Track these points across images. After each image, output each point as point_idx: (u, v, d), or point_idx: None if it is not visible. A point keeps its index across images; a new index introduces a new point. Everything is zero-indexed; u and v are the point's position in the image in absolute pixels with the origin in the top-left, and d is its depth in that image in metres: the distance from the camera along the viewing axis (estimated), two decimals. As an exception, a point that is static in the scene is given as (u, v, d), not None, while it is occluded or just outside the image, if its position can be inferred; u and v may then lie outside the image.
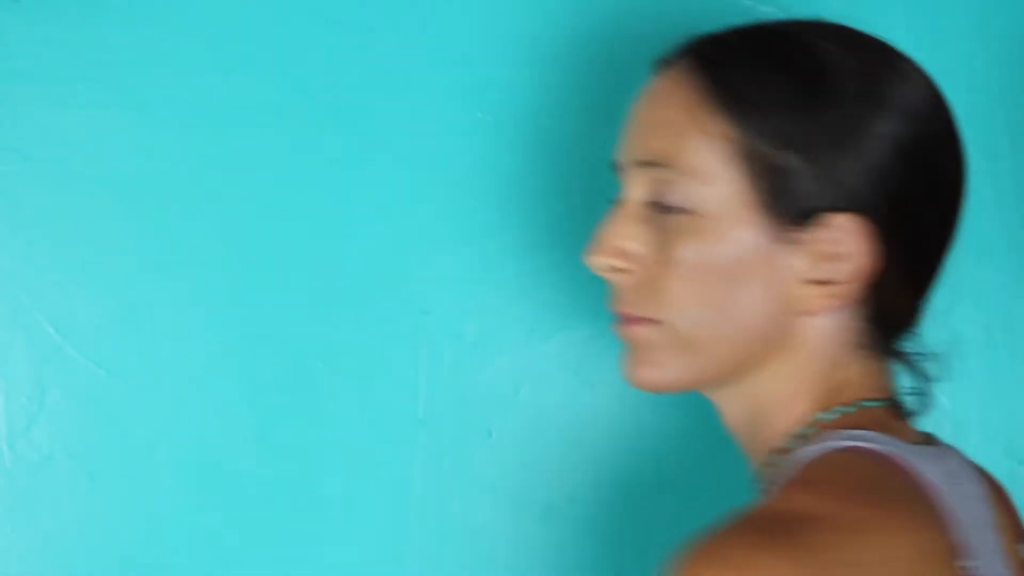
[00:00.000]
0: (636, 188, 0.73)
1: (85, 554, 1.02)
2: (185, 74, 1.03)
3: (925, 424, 0.75)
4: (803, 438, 0.69)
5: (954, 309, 0.90)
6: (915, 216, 0.70)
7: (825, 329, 0.70)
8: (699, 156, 0.69)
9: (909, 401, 0.75)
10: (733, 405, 0.74)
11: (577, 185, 1.02)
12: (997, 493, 0.75)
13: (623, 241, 0.72)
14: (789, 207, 0.68)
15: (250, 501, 1.01)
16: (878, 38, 0.73)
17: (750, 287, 0.69)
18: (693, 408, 1.01)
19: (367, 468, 1.01)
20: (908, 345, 0.74)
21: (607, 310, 1.01)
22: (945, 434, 0.75)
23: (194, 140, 1.03)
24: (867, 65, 0.70)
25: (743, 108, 0.69)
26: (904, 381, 0.75)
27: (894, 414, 0.72)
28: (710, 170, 0.69)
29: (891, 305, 0.71)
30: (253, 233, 1.02)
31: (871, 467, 0.65)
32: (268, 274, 1.02)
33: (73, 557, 1.02)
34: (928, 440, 0.73)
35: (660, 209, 0.71)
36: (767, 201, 0.68)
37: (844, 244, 0.68)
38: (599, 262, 0.73)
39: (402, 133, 1.02)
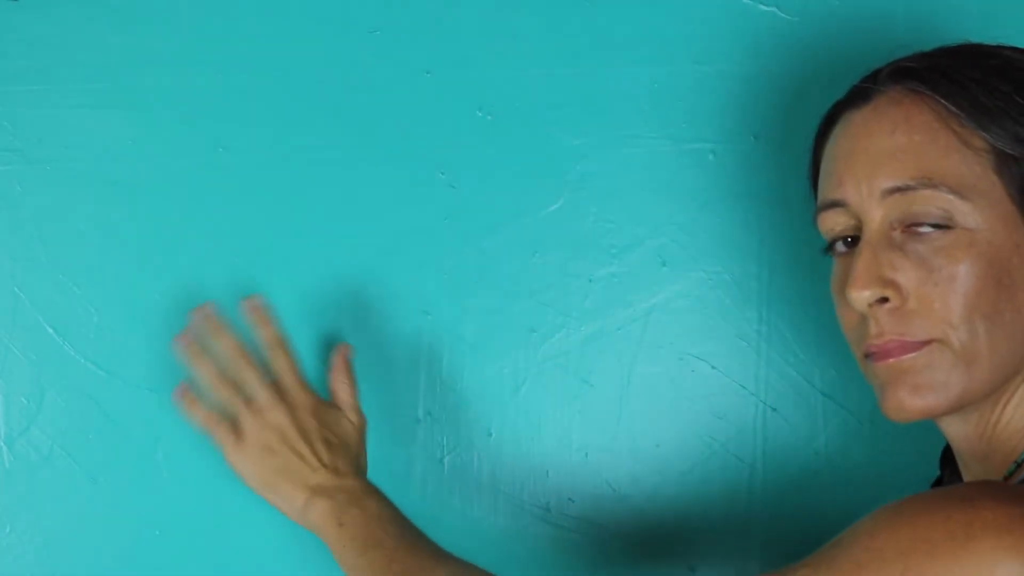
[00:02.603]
0: (884, 216, 0.73)
1: (85, 554, 1.02)
2: (185, 74, 1.03)
3: None
4: None
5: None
6: None
7: None
8: (966, 169, 0.71)
9: None
10: (973, 420, 0.75)
11: (577, 185, 1.02)
12: None
13: (886, 270, 0.72)
14: None
15: (250, 501, 1.00)
16: None
17: (1018, 290, 0.71)
18: (692, 407, 1.01)
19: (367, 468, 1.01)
20: None
21: (609, 310, 1.02)
22: None
23: (194, 140, 1.03)
24: None
25: (990, 118, 0.71)
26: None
27: None
28: (976, 182, 0.70)
29: None
30: (253, 233, 1.02)
31: None
32: (268, 274, 1.02)
33: (73, 557, 1.02)
34: None
35: (921, 230, 0.71)
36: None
37: None
38: (866, 296, 0.72)
39: (402, 133, 1.02)
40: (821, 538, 0.99)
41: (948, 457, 0.85)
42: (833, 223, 0.76)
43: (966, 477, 0.77)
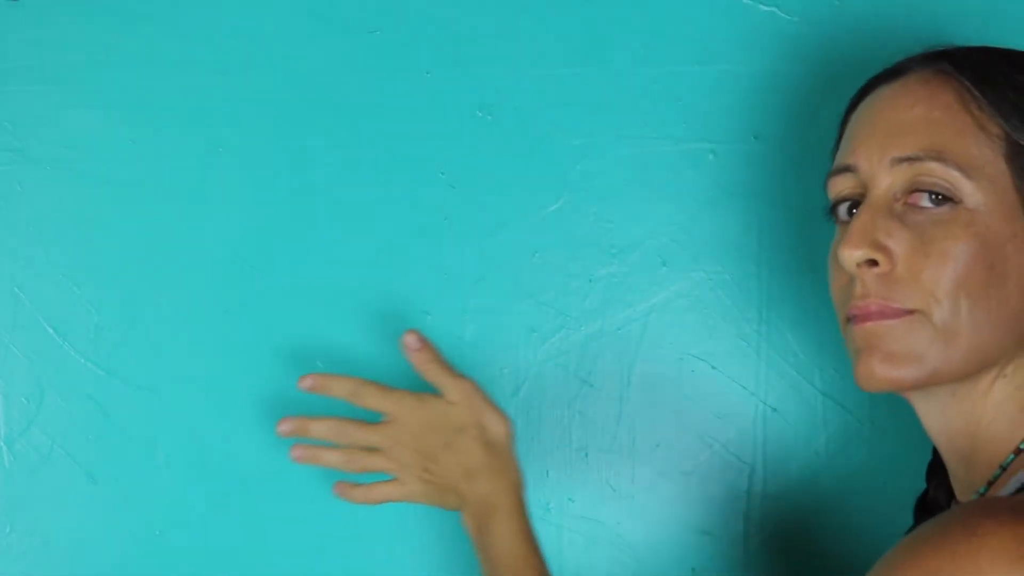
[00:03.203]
0: (889, 185, 0.74)
1: (85, 554, 1.02)
2: (185, 74, 1.03)
3: None
4: None
5: None
6: None
7: None
8: (977, 151, 0.72)
9: None
10: (952, 414, 0.75)
11: (577, 185, 1.02)
12: None
13: (881, 235, 0.73)
14: None
15: (249, 501, 1.01)
16: None
17: (1008, 279, 0.71)
18: (692, 407, 1.01)
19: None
20: None
21: (609, 310, 1.01)
22: None
23: (194, 140, 1.03)
24: None
25: (1012, 109, 0.72)
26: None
27: None
28: (985, 165, 0.71)
29: None
30: (253, 233, 1.02)
31: None
32: (268, 274, 1.02)
33: (73, 557, 1.02)
34: None
35: (923, 203, 0.72)
36: None
37: None
38: (857, 255, 0.73)
39: (402, 133, 1.02)
40: (821, 539, 0.99)
41: (933, 470, 0.84)
42: (841, 187, 0.78)
43: (954, 483, 0.77)
